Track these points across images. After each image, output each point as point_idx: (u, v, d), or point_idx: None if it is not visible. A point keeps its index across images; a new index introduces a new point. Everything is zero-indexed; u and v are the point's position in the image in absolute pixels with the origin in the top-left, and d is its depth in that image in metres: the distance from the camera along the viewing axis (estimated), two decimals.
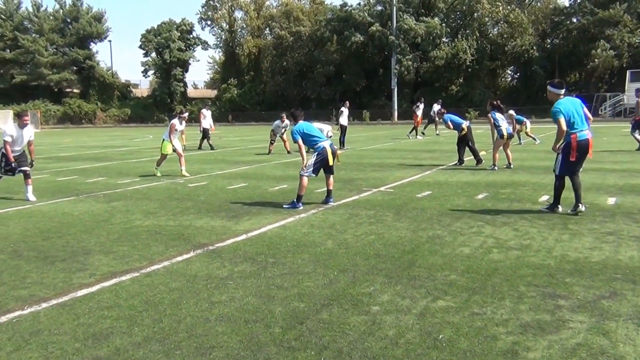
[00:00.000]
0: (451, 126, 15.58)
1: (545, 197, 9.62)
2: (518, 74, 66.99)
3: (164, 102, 77.84)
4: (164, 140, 14.46)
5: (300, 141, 9.42)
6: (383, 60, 65.04)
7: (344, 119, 22.74)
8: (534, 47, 58.75)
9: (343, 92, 64.37)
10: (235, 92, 72.34)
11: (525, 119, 22.57)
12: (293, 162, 16.85)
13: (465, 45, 59.19)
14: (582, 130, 8.04)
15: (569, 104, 8.11)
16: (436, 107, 30.41)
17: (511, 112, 23.84)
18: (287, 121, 20.85)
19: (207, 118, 23.83)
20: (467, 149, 15.10)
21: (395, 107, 60.42)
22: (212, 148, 23.19)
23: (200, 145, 23.78)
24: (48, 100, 79.47)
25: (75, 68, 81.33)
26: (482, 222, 7.70)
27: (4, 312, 4.69)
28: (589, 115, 8.91)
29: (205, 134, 23.59)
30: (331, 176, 9.66)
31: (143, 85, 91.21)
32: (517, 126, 21.18)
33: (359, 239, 6.93)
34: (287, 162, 17.18)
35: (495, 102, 14.39)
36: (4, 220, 8.79)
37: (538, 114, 53.03)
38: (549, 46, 62.02)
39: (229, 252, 6.47)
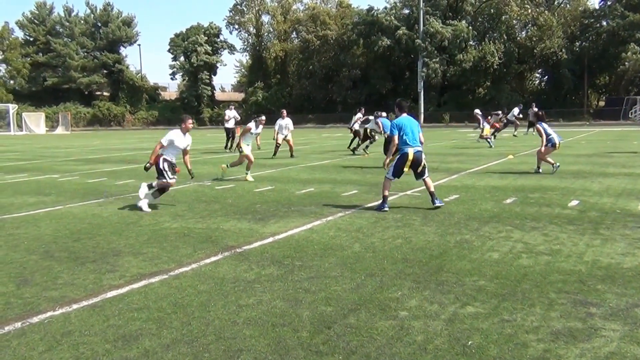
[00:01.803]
0: (380, 128, 16.16)
1: (575, 202, 9.48)
2: (546, 77, 66.31)
3: (192, 105, 78.68)
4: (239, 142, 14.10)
5: (396, 137, 9.12)
6: (409, 64, 64.87)
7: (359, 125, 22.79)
8: (563, 50, 58.02)
9: (369, 95, 64.28)
10: (262, 95, 72.75)
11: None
12: (319, 166, 16.87)
13: (493, 48, 58.79)
14: None
15: None
16: (516, 110, 30.74)
17: (476, 112, 23.65)
18: (287, 119, 20.62)
19: (230, 119, 24.00)
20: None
21: (422, 110, 60.13)
22: (229, 148, 23.46)
23: (230, 146, 24.00)
24: (78, 103, 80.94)
25: (105, 71, 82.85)
26: (510, 227, 7.62)
27: (36, 313, 4.76)
28: None
29: (229, 134, 23.85)
30: (427, 178, 9.28)
31: (171, 88, 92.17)
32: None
33: (386, 242, 6.90)
34: (313, 165, 17.19)
35: (540, 113, 14.35)
36: (35, 221, 8.94)
37: (566, 117, 52.26)
38: (577, 49, 61.12)
39: (256, 254, 6.49)
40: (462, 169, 14.83)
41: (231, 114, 24.02)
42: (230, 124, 23.91)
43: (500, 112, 30.06)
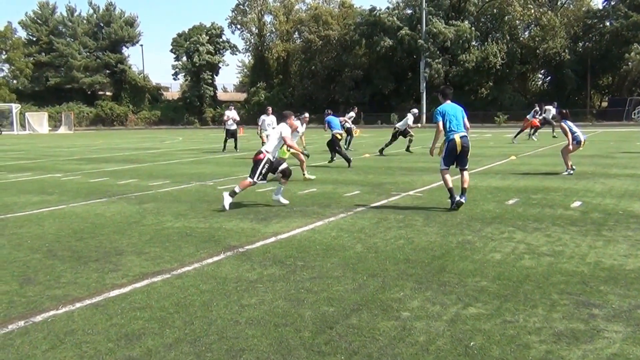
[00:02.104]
0: (326, 127, 17.75)
1: (577, 203, 9.46)
2: (549, 77, 66.02)
3: (194, 105, 78.76)
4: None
5: (440, 124, 8.92)
6: (412, 64, 64.74)
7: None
8: (566, 50, 57.75)
9: (372, 96, 64.20)
10: (264, 95, 72.67)
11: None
12: (321, 166, 16.86)
13: (495, 49, 58.56)
14: None
15: None
16: (553, 110, 30.65)
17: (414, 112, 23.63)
18: (272, 116, 20.58)
19: (229, 119, 24.03)
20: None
21: (424, 111, 59.89)
22: (232, 148, 23.69)
23: (235, 146, 24.10)
24: (81, 103, 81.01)
25: (107, 71, 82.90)
26: (513, 228, 7.60)
27: (39, 312, 4.77)
28: None
29: (228, 135, 23.99)
30: (466, 172, 9.19)
31: (174, 88, 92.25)
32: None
33: (388, 243, 6.90)
34: (315, 165, 17.17)
35: (564, 111, 14.27)
36: (38, 220, 8.96)
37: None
38: (580, 49, 60.76)
39: (258, 254, 6.49)
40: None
41: (230, 115, 24.00)
42: (230, 125, 23.94)
43: (537, 106, 29.82)
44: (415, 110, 22.84)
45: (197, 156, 22.24)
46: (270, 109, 21.44)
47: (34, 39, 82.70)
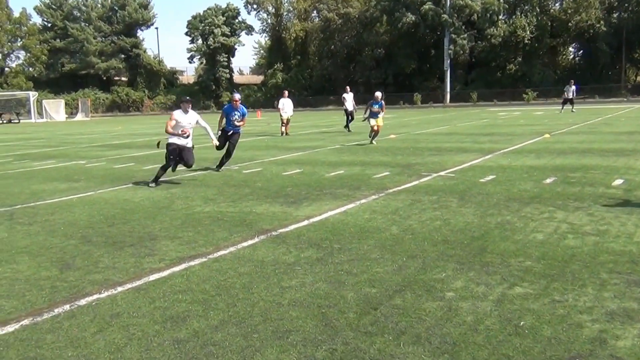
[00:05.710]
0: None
1: (619, 181, 9.24)
2: (581, 51, 62.73)
3: (210, 89, 78.18)
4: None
5: None
6: (435, 41, 62.64)
7: (349, 104, 23.95)
8: (600, 22, 54.64)
9: (394, 76, 62.93)
10: (281, 77, 71.73)
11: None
12: (347, 148, 16.77)
13: (524, 22, 56.14)
14: None
15: None
16: (573, 87, 30.75)
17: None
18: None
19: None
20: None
21: (448, 90, 58.68)
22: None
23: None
24: (97, 89, 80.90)
25: (122, 56, 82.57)
26: (553, 207, 7.44)
27: (83, 295, 4.79)
28: None
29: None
30: None
31: (189, 71, 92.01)
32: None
33: (424, 224, 6.81)
34: (341, 147, 17.09)
35: None
36: (69, 207, 8.98)
37: (602, 93, 50.28)
38: (615, 20, 56.71)
39: (292, 237, 6.45)
40: (495, 149, 14.55)
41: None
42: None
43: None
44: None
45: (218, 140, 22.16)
46: (285, 92, 23.72)
47: (49, 24, 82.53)
